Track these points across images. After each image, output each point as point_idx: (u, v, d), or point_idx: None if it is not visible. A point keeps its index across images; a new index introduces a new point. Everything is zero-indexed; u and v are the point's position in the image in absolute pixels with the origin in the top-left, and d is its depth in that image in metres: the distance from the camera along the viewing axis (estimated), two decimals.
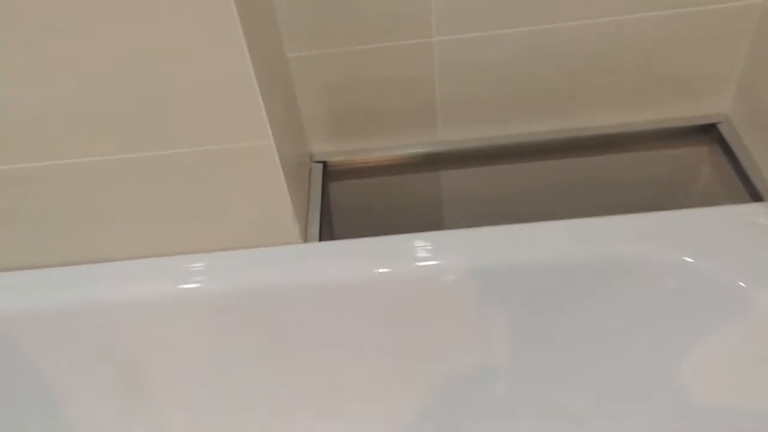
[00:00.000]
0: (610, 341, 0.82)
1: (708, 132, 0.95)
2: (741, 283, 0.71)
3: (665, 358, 0.79)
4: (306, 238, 0.85)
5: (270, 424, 0.91)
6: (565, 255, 0.77)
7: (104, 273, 0.81)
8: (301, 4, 0.81)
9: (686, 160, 0.99)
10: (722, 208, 0.79)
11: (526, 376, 0.87)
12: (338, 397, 0.89)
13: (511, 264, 0.78)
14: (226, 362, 0.85)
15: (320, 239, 0.87)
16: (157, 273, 0.80)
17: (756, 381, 0.72)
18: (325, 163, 0.96)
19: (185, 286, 0.79)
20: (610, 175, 1.00)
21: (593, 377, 0.85)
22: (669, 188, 1.02)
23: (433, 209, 1.04)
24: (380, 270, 0.78)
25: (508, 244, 0.78)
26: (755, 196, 0.84)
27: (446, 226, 1.06)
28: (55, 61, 0.63)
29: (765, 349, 0.71)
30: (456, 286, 0.79)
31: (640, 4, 0.82)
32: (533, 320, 0.82)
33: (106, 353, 0.84)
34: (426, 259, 0.78)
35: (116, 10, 0.60)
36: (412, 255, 0.78)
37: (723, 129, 0.93)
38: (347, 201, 1.02)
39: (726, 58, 0.88)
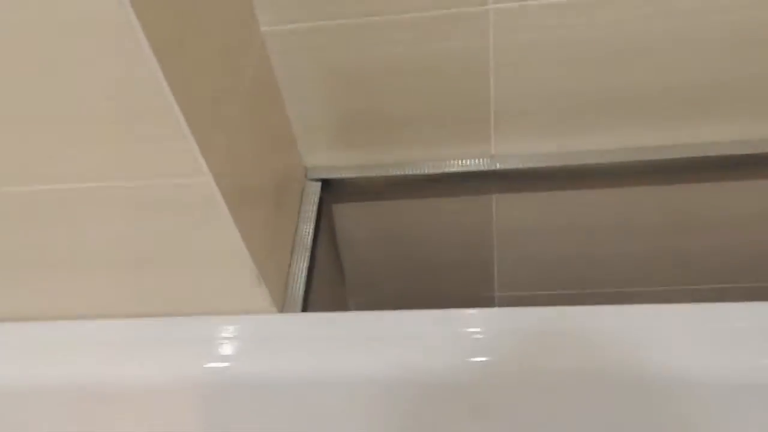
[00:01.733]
0: None
1: None
2: None
3: None
4: (285, 297, 0.59)
5: None
6: (668, 368, 0.50)
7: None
8: None
9: None
10: None
11: None
12: None
13: (590, 372, 0.51)
14: None
15: (308, 291, 0.61)
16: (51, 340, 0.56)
17: None
18: (325, 181, 0.68)
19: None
20: (733, 210, 0.70)
21: None
22: None
23: (478, 246, 0.76)
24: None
25: (587, 338, 0.51)
26: None
27: (497, 271, 0.78)
28: None
29: None
30: (495, 396, 0.53)
31: None
32: None
33: None
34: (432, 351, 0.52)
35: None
36: (416, 342, 0.52)
37: None
38: (358, 231, 0.74)
39: None
